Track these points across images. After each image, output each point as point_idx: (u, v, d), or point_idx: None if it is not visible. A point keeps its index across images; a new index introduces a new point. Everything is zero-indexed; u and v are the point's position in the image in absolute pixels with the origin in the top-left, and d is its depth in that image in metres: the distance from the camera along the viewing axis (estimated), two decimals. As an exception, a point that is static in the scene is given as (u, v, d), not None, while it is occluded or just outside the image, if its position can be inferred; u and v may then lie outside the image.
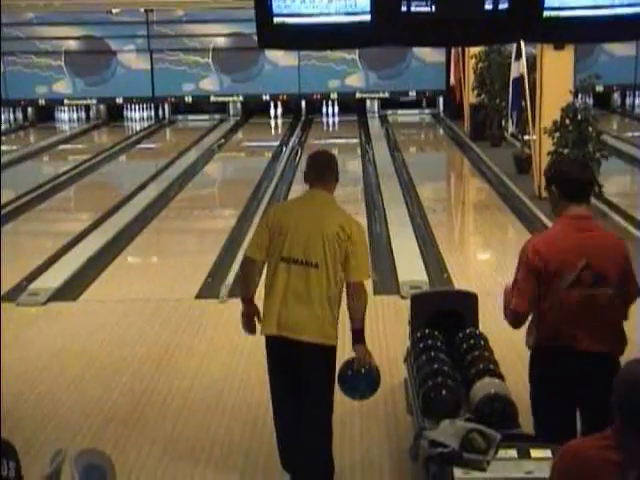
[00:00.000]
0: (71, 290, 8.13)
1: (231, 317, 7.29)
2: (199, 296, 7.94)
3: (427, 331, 5.14)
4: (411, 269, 8.39)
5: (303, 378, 4.29)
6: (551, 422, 3.94)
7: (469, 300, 5.38)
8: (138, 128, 21.41)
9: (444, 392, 4.41)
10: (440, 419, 4.04)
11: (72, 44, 21.39)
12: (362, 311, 4.31)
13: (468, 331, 5.08)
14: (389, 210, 11.15)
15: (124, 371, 6.21)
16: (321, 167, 4.44)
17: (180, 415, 5.50)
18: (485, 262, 9.38)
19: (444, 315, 5.26)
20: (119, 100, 21.89)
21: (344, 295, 4.39)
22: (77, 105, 22.15)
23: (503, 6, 5.17)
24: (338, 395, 4.57)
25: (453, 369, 4.68)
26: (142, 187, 13.42)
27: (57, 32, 21.03)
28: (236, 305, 7.55)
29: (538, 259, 3.79)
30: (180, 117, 22.40)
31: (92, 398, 5.76)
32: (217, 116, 22.17)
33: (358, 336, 4.33)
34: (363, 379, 4.41)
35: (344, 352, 4.51)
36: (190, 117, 22.35)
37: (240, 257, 8.84)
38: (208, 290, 8.08)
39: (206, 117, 22.18)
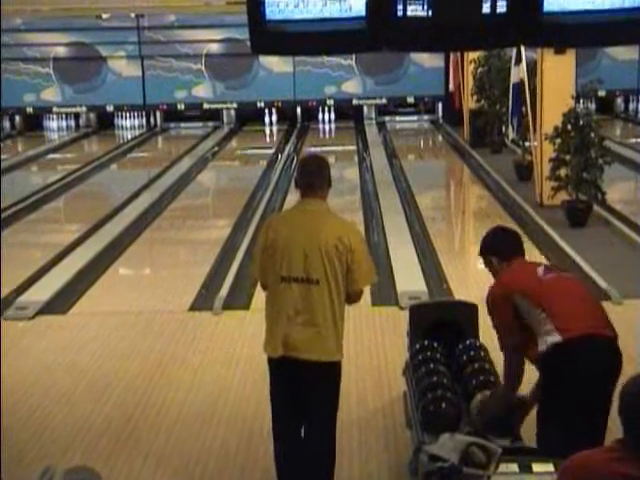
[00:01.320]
0: (61, 303, 8.14)
1: (225, 329, 7.34)
2: (192, 308, 7.96)
3: (426, 343, 5.16)
4: (410, 279, 8.42)
5: (309, 397, 4.30)
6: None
7: (469, 311, 5.40)
8: (129, 136, 21.44)
9: (444, 405, 4.43)
10: (440, 433, 4.06)
11: (61, 50, 21.45)
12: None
13: (468, 342, 5.10)
14: (387, 219, 11.18)
15: (116, 384, 6.22)
16: (313, 173, 4.36)
17: (174, 429, 5.52)
18: (485, 272, 9.36)
19: (443, 326, 5.28)
20: (109, 108, 21.92)
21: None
22: (66, 113, 22.18)
23: (501, 10, 5.21)
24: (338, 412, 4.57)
25: (453, 381, 4.70)
26: (134, 197, 13.44)
27: (45, 38, 21.11)
28: (230, 317, 7.64)
29: (511, 293, 4.21)
30: (172, 125, 22.45)
31: (83, 412, 5.78)
32: (210, 124, 22.22)
33: None
34: None
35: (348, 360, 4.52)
36: (183, 125, 22.40)
37: (235, 268, 8.95)
38: (202, 302, 8.10)
39: (199, 125, 22.23)
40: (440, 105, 21.83)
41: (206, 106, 21.99)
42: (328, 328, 4.22)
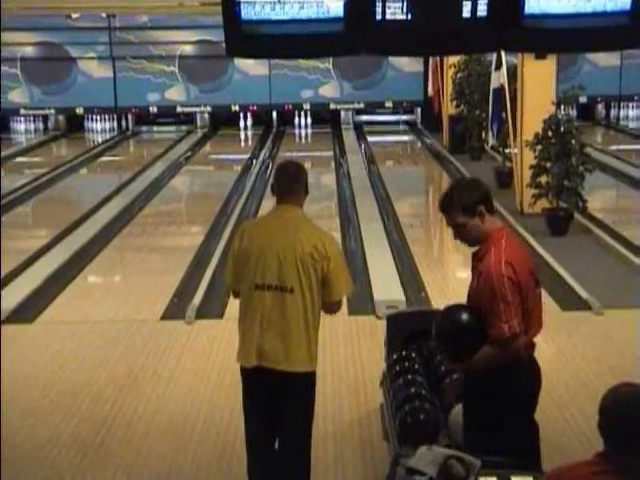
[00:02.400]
0: (28, 311, 8.08)
1: (198, 339, 7.31)
2: (164, 317, 7.92)
3: (404, 353, 5.17)
4: (387, 288, 8.43)
5: (283, 409, 4.29)
6: (529, 436, 4.01)
7: (448, 320, 5.40)
8: (100, 140, 21.34)
9: (422, 417, 4.43)
10: (418, 445, 4.06)
11: (28, 50, 21.31)
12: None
13: (447, 353, 5.11)
14: (364, 226, 11.19)
15: (84, 396, 6.17)
16: (289, 180, 4.37)
17: (144, 442, 5.48)
18: (464, 280, 9.36)
19: (422, 336, 5.29)
20: (79, 110, 21.81)
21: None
22: (34, 115, 22.05)
23: (482, 14, 5.24)
24: (313, 424, 4.54)
25: (431, 393, 4.70)
26: (104, 202, 13.38)
27: (13, 38, 20.91)
28: (203, 326, 7.62)
29: (515, 274, 3.86)
30: (144, 128, 22.37)
31: (50, 425, 5.72)
32: (184, 127, 22.16)
33: None
34: None
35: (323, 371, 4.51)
36: (155, 128, 22.33)
37: (208, 276, 8.92)
38: (174, 311, 8.06)
39: (172, 128, 22.17)
40: (419, 110, 21.93)
41: (179, 109, 21.94)
42: (302, 338, 4.21)
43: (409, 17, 5.10)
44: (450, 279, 9.17)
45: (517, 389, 3.94)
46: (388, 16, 5.06)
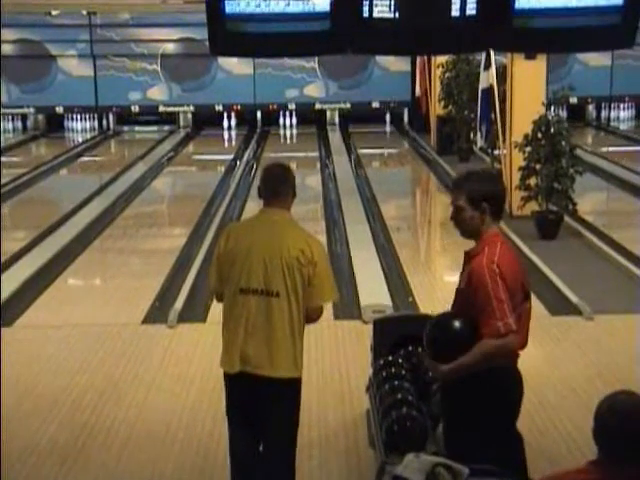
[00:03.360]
0: (6, 315, 8.03)
1: (180, 343, 7.29)
2: (146, 321, 7.90)
3: (390, 358, 5.17)
4: (374, 292, 8.42)
5: (266, 415, 4.27)
6: (512, 447, 4.01)
7: (436, 325, 5.41)
8: (80, 140, 21.28)
9: (409, 424, 4.44)
10: (404, 453, 4.06)
11: (7, 48, 21.15)
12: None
13: (434, 358, 5.11)
14: (350, 229, 11.20)
15: (63, 402, 6.14)
16: (276, 182, 4.37)
17: (125, 449, 5.46)
18: (452, 284, 9.39)
19: (409, 341, 5.29)
20: (59, 109, 21.76)
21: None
22: (13, 114, 21.96)
23: (471, 12, 5.25)
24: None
25: (418, 399, 4.71)
26: (84, 203, 13.33)
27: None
28: (186, 330, 7.60)
29: (503, 275, 3.83)
30: (126, 128, 22.32)
31: (27, 432, 5.70)
32: (166, 127, 22.13)
33: None
34: None
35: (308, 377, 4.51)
36: (137, 128, 22.28)
37: (191, 279, 8.91)
38: (155, 315, 8.05)
39: (154, 128, 22.13)
40: (406, 111, 21.96)
41: (162, 109, 21.93)
42: (287, 343, 4.20)
43: (397, 15, 5.11)
44: (438, 283, 9.18)
45: (497, 397, 3.90)
46: (375, 14, 5.07)
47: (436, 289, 8.80)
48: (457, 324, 3.91)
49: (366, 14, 5.06)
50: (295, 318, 4.21)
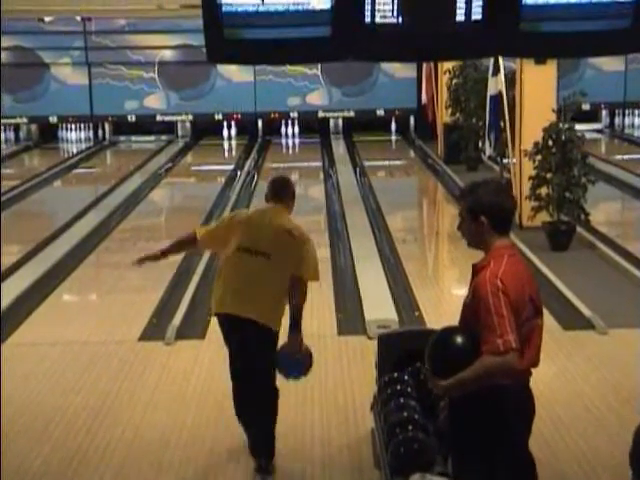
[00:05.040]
0: (-3, 332, 8.05)
1: (178, 361, 7.30)
2: (143, 338, 7.91)
3: (396, 375, 5.17)
4: (379, 307, 8.43)
5: (248, 351, 5.23)
6: (523, 471, 3.99)
7: (442, 340, 5.42)
8: (75, 150, 21.33)
9: (415, 447, 4.44)
10: (410, 474, 4.06)
11: (-1, 56, 21.33)
12: (301, 306, 5.29)
13: (441, 374, 5.11)
14: (355, 241, 11.20)
15: (57, 423, 6.15)
16: (278, 187, 5.51)
17: (120, 473, 5.46)
18: (460, 298, 9.37)
19: (415, 357, 5.29)
20: (53, 119, 21.82)
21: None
22: (5, 124, 22.01)
23: (477, 17, 5.28)
24: (300, 446, 4.53)
25: (425, 417, 4.71)
26: (79, 216, 13.36)
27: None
28: (184, 347, 7.60)
29: (506, 290, 3.82)
30: (122, 138, 22.38)
31: (19, 453, 5.70)
32: (164, 137, 22.18)
33: (296, 327, 5.27)
34: (296, 363, 5.39)
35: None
36: (134, 138, 22.34)
37: (189, 294, 8.92)
38: (153, 331, 8.05)
39: (152, 138, 22.18)
40: (412, 118, 21.99)
41: (159, 118, 21.98)
42: (273, 299, 5.24)
43: (400, 20, 5.14)
44: (445, 297, 9.19)
45: (505, 417, 3.85)
46: (378, 19, 5.10)
47: (443, 303, 8.81)
48: (459, 339, 3.89)
49: (368, 19, 5.09)
50: (281, 279, 5.22)
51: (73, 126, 22.17)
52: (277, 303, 5.26)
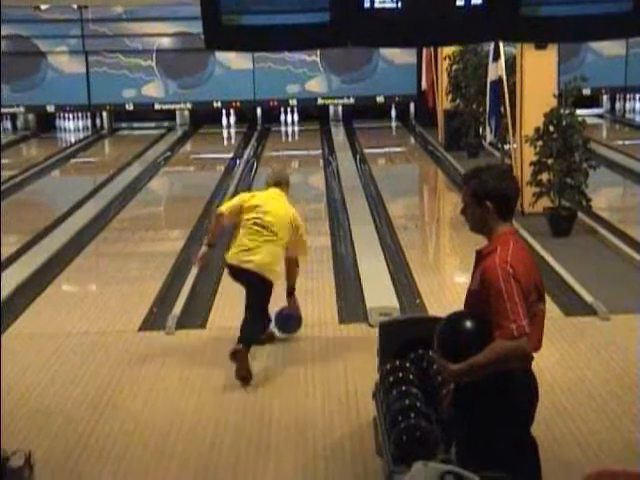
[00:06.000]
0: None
1: (179, 351, 7.30)
2: (143, 328, 7.91)
3: (398, 363, 5.17)
4: (380, 294, 8.43)
5: (251, 288, 6.95)
6: (527, 453, 4.00)
7: (444, 328, 5.41)
8: (73, 139, 21.32)
9: (417, 434, 4.43)
10: (413, 461, 4.06)
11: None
12: (295, 279, 7.29)
13: (443, 362, 5.11)
14: (355, 229, 11.20)
15: (57, 414, 6.15)
16: (278, 174, 7.28)
17: (121, 463, 5.46)
18: (462, 286, 9.38)
19: (416, 344, 5.29)
20: (50, 108, 21.80)
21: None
22: (2, 114, 21.99)
23: (477, 1, 5.27)
24: (302, 434, 4.47)
25: (427, 405, 4.71)
26: (78, 206, 13.36)
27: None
28: (185, 337, 7.61)
29: (517, 275, 3.82)
30: (120, 127, 22.35)
31: (19, 446, 5.66)
32: (164, 125, 22.16)
33: (292, 294, 7.32)
34: (294, 319, 7.40)
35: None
36: (133, 126, 22.32)
37: (189, 283, 8.92)
38: (153, 321, 8.06)
39: (150, 126, 22.17)
40: (412, 105, 21.97)
41: (157, 106, 21.95)
42: (269, 257, 6.84)
43: (399, 5, 5.13)
44: (447, 284, 9.18)
45: (510, 402, 3.89)
46: (377, 4, 5.09)
47: (445, 290, 8.81)
48: (469, 324, 3.90)
49: (367, 4, 5.08)
50: (278, 247, 6.90)
51: (71, 115, 22.15)
52: (273, 261, 6.88)
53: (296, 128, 21.99)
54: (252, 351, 6.71)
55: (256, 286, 6.90)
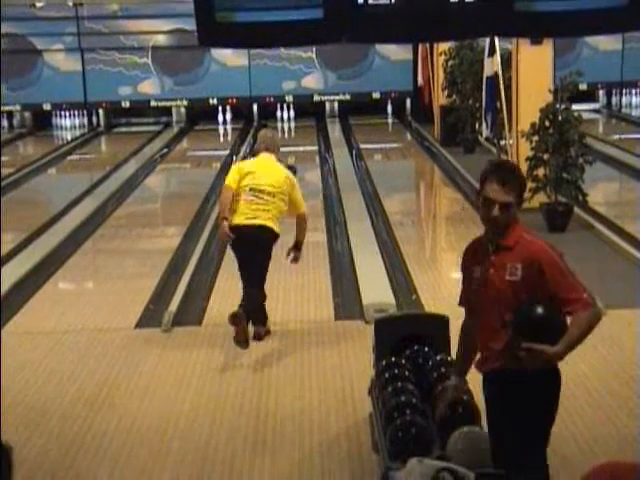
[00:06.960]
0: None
1: (175, 348, 7.29)
2: (139, 325, 7.90)
3: (393, 359, 5.17)
4: (376, 290, 8.42)
5: (253, 248, 7.13)
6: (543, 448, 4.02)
7: (440, 324, 5.42)
8: (69, 137, 21.31)
9: (413, 431, 4.43)
10: (408, 458, 4.06)
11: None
12: (304, 231, 7.47)
13: (439, 358, 5.11)
14: (351, 225, 11.20)
15: (53, 412, 6.14)
16: (268, 140, 7.56)
17: (118, 461, 5.45)
18: (458, 282, 9.40)
19: (412, 341, 5.29)
20: (47, 106, 21.78)
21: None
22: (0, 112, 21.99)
23: (470, -3, 5.25)
24: (298, 431, 4.46)
25: (422, 401, 4.70)
26: (74, 203, 13.35)
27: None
28: (181, 334, 7.60)
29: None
30: (117, 124, 22.32)
31: (15, 444, 5.63)
32: (161, 121, 22.15)
33: (300, 246, 7.45)
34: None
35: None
36: (128, 123, 22.29)
37: (185, 280, 8.91)
38: (150, 318, 8.04)
39: (147, 123, 22.15)
40: (408, 101, 21.96)
41: (154, 104, 21.95)
42: (269, 221, 7.15)
43: (393, 1, 5.11)
44: (443, 280, 9.17)
45: (549, 396, 4.02)
46: (370, 0, 5.07)
47: (441, 287, 8.80)
48: (540, 310, 3.91)
49: (361, 0, 5.06)
50: (277, 210, 7.21)
51: (67, 113, 22.14)
52: (273, 224, 7.20)
53: (292, 124, 21.98)
54: (249, 348, 6.70)
55: (260, 244, 7.13)
